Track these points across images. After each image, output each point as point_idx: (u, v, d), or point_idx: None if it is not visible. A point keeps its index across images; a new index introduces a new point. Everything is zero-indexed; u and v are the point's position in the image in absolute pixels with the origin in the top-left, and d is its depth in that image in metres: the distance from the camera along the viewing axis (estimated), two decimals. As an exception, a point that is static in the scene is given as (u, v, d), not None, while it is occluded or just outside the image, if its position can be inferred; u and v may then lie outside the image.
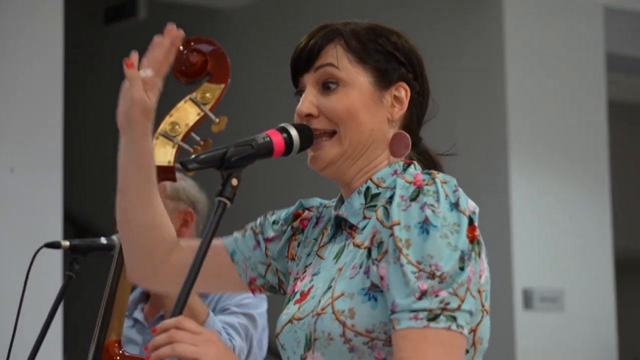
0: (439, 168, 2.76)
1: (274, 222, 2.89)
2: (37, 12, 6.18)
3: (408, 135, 2.67)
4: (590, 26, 7.62)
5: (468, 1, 7.42)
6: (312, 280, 2.71)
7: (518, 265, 7.10)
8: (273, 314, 3.49)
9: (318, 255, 2.76)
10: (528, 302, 7.14)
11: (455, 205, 2.47)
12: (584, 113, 7.58)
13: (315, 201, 2.90)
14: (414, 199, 2.46)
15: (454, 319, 2.40)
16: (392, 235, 2.45)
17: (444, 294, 2.39)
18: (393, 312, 2.41)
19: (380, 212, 2.53)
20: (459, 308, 2.40)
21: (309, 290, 2.68)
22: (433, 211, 2.44)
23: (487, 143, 7.21)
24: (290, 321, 2.63)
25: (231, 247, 2.90)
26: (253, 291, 2.91)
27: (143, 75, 2.77)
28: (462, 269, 2.43)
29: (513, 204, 7.16)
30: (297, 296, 2.70)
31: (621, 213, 7.76)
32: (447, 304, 2.39)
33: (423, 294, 2.39)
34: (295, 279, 2.80)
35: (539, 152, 7.38)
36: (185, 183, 4.14)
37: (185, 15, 8.07)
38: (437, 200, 2.46)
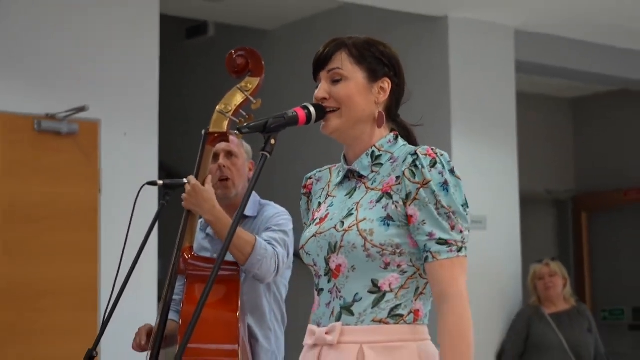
0: (412, 134, 2.86)
1: (304, 199, 2.97)
2: (140, 30, 6.11)
3: (384, 114, 2.75)
4: (506, 42, 7.55)
5: (424, 21, 7.34)
6: (327, 210, 2.78)
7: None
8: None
9: (329, 196, 2.82)
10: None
11: (452, 172, 2.65)
12: (500, 99, 7.53)
13: (313, 172, 2.95)
14: (432, 166, 2.61)
15: (466, 249, 2.64)
16: (422, 188, 2.60)
17: (464, 231, 2.63)
18: (431, 238, 2.60)
19: (407, 172, 2.63)
20: (467, 240, 2.63)
21: (326, 215, 2.76)
22: (444, 175, 2.61)
23: (435, 118, 7.15)
24: (314, 235, 2.73)
25: None
26: None
27: None
28: (466, 214, 2.64)
29: (453, 158, 7.10)
30: (317, 220, 2.78)
31: (524, 166, 7.70)
32: (464, 237, 2.62)
33: (453, 228, 2.60)
34: (313, 212, 2.84)
35: (471, 125, 7.32)
36: (248, 146, 4.13)
37: (240, 33, 8.01)
38: (444, 168, 2.62)
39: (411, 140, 2.81)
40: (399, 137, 2.77)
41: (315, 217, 2.79)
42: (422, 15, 7.21)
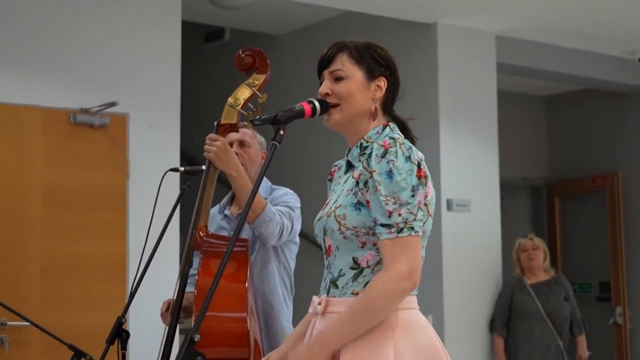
0: (407, 126, 2.84)
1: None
2: (165, 35, 6.10)
3: (378, 109, 2.74)
4: (488, 47, 7.52)
5: (416, 28, 7.31)
6: (331, 196, 2.81)
7: (444, 184, 7.04)
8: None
9: (338, 184, 2.82)
10: (449, 207, 7.06)
11: (408, 158, 2.58)
12: (483, 96, 7.50)
13: (338, 161, 2.88)
14: (383, 156, 2.58)
15: (412, 228, 2.56)
16: (371, 177, 2.57)
17: (404, 212, 2.55)
18: (375, 224, 2.57)
19: (364, 162, 2.62)
20: (414, 219, 2.56)
21: (328, 202, 2.77)
22: (394, 164, 2.54)
23: (426, 114, 7.13)
24: (318, 219, 2.74)
25: None
26: None
27: None
28: (413, 196, 2.56)
29: (441, 151, 7.10)
30: (323, 206, 2.79)
31: (503, 155, 7.69)
32: (407, 218, 2.55)
33: (390, 214, 2.54)
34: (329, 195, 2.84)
35: (457, 119, 7.30)
36: (262, 138, 4.09)
37: (252, 38, 7.99)
38: (396, 157, 2.57)
39: (406, 131, 2.80)
40: (388, 127, 2.75)
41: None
42: (415, 22, 7.19)
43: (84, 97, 5.71)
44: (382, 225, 2.55)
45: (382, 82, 2.74)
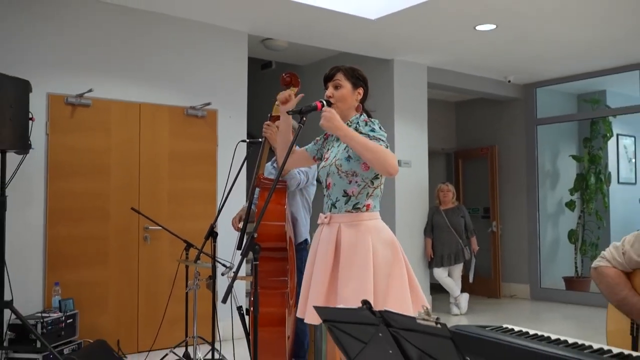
0: (370, 114, 2.78)
1: (321, 140, 2.82)
2: (237, 65, 6.03)
3: (361, 106, 2.66)
4: (422, 73, 7.38)
5: (380, 62, 7.15)
6: (329, 153, 2.72)
7: (397, 152, 7.01)
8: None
9: (333, 146, 2.73)
10: (400, 164, 7.00)
11: (380, 127, 2.55)
12: (418, 102, 7.36)
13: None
14: (365, 125, 2.53)
15: (387, 145, 2.54)
16: (361, 134, 2.52)
17: (383, 141, 2.54)
18: (370, 138, 2.51)
19: (353, 128, 2.54)
20: (386, 143, 2.55)
21: (328, 157, 2.70)
22: (371, 127, 2.53)
23: (385, 112, 7.04)
24: (322, 167, 2.67)
25: (309, 150, 2.82)
26: (314, 161, 2.82)
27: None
28: (384, 136, 2.56)
29: (395, 132, 7.03)
30: (325, 159, 2.72)
31: (430, 135, 7.61)
32: (387, 143, 2.54)
33: (378, 140, 2.53)
34: (325, 153, 2.76)
35: (404, 116, 7.18)
36: (293, 121, 4.03)
37: (289, 67, 7.89)
38: (373, 125, 2.53)
39: (369, 116, 2.76)
40: (362, 115, 2.71)
41: (325, 157, 2.76)
42: (380, 59, 7.09)
43: (192, 99, 5.68)
44: (376, 138, 2.52)
45: (361, 91, 2.70)
